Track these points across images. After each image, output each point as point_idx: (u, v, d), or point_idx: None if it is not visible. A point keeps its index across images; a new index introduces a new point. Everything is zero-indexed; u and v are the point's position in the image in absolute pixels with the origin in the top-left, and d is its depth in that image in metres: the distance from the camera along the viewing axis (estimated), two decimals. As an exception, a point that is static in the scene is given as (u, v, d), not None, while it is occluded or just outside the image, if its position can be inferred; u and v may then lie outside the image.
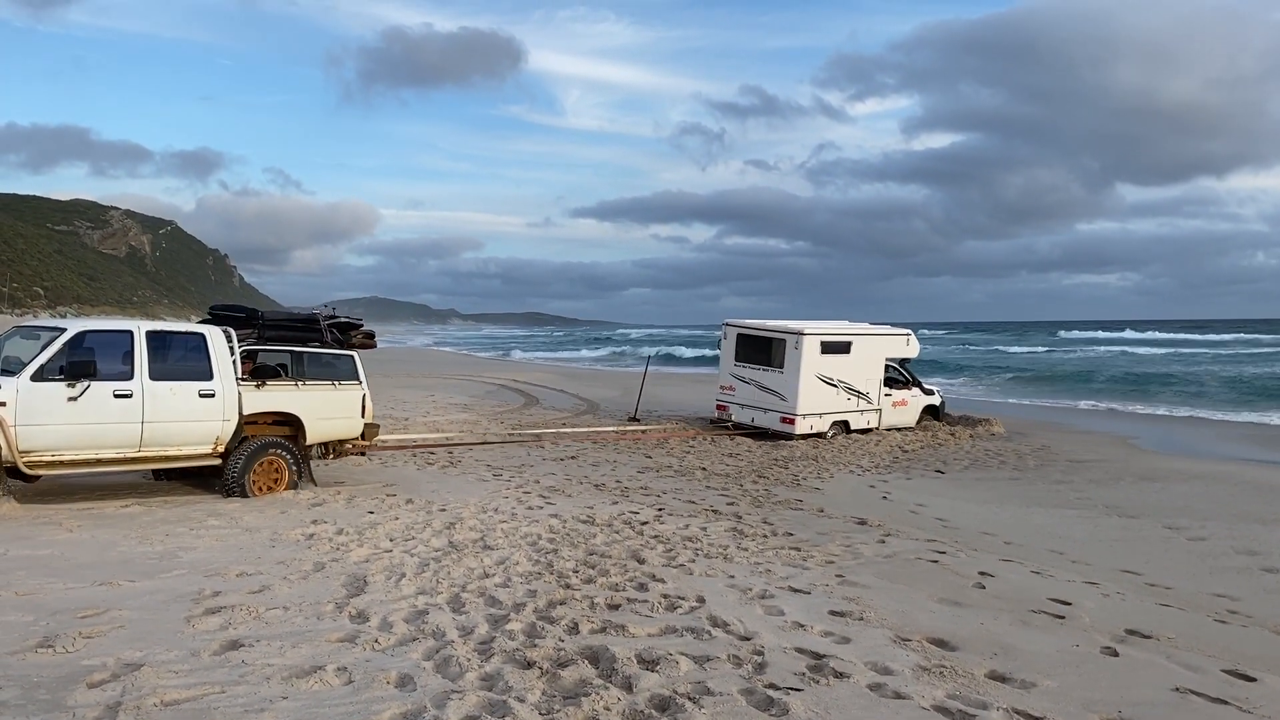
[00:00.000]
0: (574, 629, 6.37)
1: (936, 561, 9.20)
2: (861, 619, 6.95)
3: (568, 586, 7.49)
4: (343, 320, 13.02)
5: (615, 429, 20.77)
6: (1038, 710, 5.28)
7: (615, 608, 6.94)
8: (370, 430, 13.82)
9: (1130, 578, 9.36)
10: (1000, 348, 75.36)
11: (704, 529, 10.25)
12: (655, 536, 9.70)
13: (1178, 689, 5.81)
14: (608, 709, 4.97)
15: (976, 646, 6.43)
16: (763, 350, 20.95)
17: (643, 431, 20.39)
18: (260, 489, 11.01)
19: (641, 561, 8.50)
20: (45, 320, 11.03)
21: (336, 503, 10.74)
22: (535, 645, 5.95)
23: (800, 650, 6.12)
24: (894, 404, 22.32)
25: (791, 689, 5.39)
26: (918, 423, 22.96)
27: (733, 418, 21.24)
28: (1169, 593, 8.80)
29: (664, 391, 31.53)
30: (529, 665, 5.58)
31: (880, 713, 5.16)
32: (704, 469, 15.56)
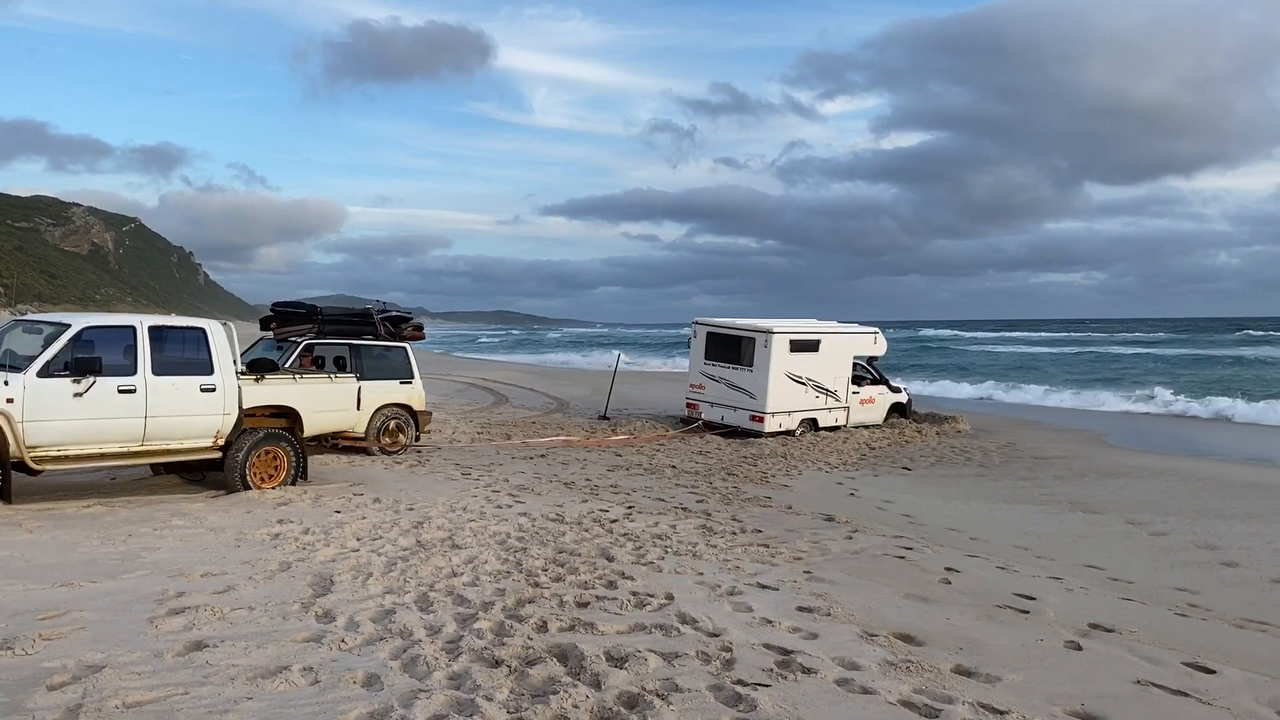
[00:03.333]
0: (543, 627, 6.36)
1: (903, 558, 9.27)
2: (829, 615, 6.99)
3: (536, 585, 7.48)
4: (395, 314, 13.43)
5: (583, 433, 20.76)
6: (1002, 704, 5.34)
7: (584, 605, 6.94)
8: (424, 417, 14.52)
9: (1093, 572, 9.48)
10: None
11: (673, 526, 10.27)
12: (625, 534, 9.70)
13: (1139, 681, 5.90)
14: (576, 707, 4.97)
15: (942, 641, 6.49)
16: (732, 349, 21.01)
17: (614, 430, 20.40)
18: (261, 480, 11.17)
19: (611, 559, 8.50)
20: (47, 315, 11.19)
21: (303, 502, 10.65)
22: (503, 644, 5.93)
23: (768, 646, 6.14)
24: (861, 402, 22.46)
25: (759, 685, 5.41)
26: (885, 420, 23.13)
27: (703, 416, 21.29)
28: (1131, 587, 8.93)
29: (634, 390, 31.54)
30: (497, 664, 5.57)
31: (847, 707, 5.20)
32: (673, 467, 15.57)
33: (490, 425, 20.65)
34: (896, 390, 23.86)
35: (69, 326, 9.93)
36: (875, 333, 23.40)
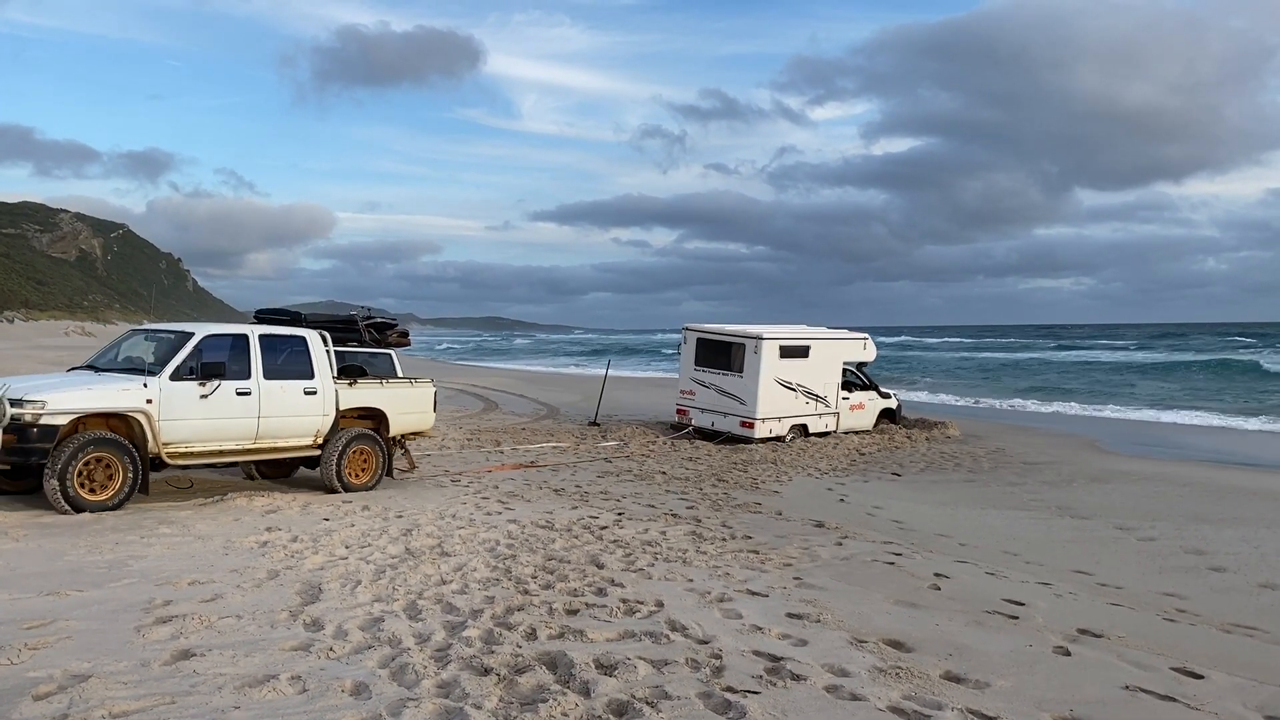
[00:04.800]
0: (532, 635, 6.34)
1: (893, 563, 9.27)
2: (819, 621, 6.99)
3: (526, 592, 7.46)
4: (379, 321, 13.59)
5: (573, 439, 20.71)
6: (991, 710, 5.34)
7: (574, 613, 6.92)
8: None
9: (1082, 578, 9.50)
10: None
11: (663, 533, 10.25)
12: (614, 541, 9.69)
13: (1128, 687, 5.91)
14: (565, 714, 4.95)
15: (932, 647, 6.49)
16: (722, 354, 21.03)
17: (604, 435, 20.37)
18: (353, 477, 12.15)
19: (600, 566, 8.49)
20: (166, 325, 12.19)
21: (291, 510, 10.61)
22: (492, 652, 5.91)
23: (758, 653, 6.14)
24: (851, 407, 22.50)
25: (749, 692, 5.40)
26: (875, 426, 23.17)
27: (693, 422, 21.29)
28: (1119, 592, 8.95)
29: (624, 395, 31.54)
30: (486, 672, 5.55)
31: (837, 714, 5.19)
32: (663, 473, 15.57)
33: (480, 432, 20.61)
34: (886, 396, 23.91)
35: (192, 335, 10.91)
36: (865, 338, 23.46)
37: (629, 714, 5.01)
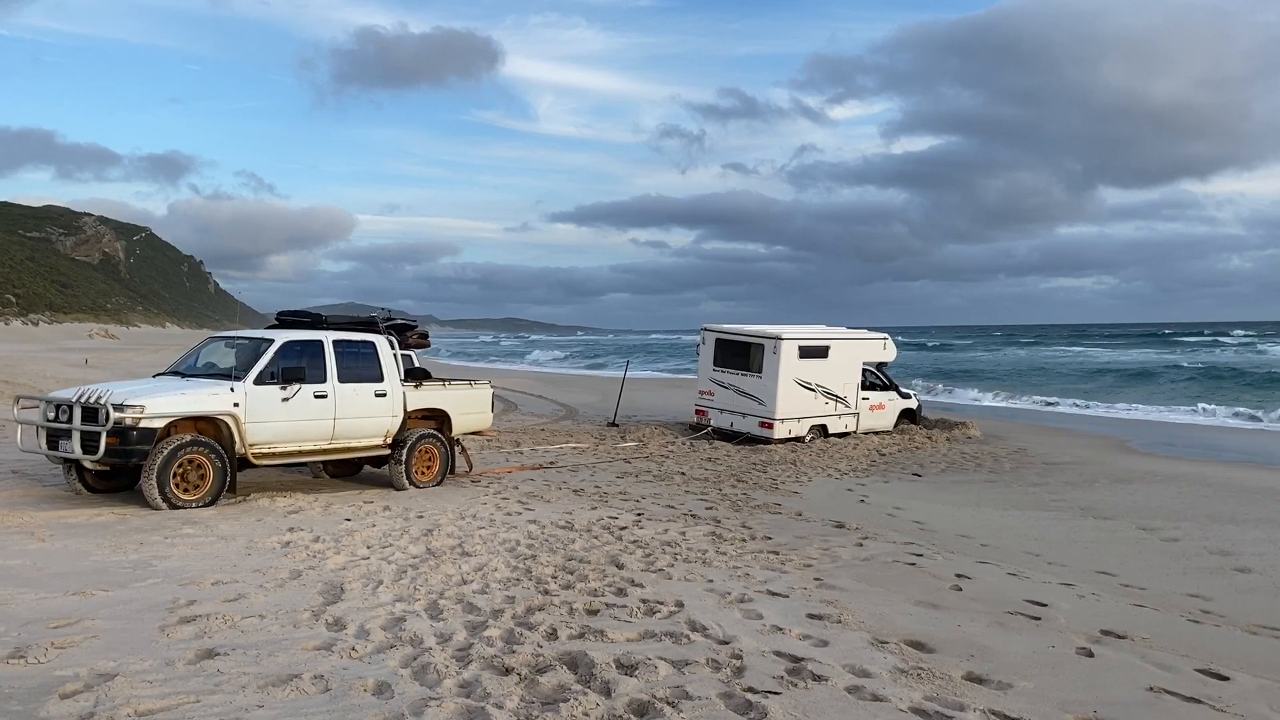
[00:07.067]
0: (552, 635, 6.36)
1: (914, 564, 9.24)
2: (839, 622, 6.97)
3: (546, 592, 7.48)
4: (399, 322, 13.79)
5: (593, 440, 20.71)
6: (1014, 711, 5.31)
7: (594, 613, 6.93)
8: None
9: (1105, 579, 9.43)
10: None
11: (683, 533, 10.25)
12: (634, 541, 9.69)
13: (1152, 688, 5.86)
14: (586, 714, 4.96)
15: (954, 648, 6.46)
16: (741, 355, 21.00)
17: (623, 436, 20.38)
18: (420, 474, 12.67)
19: (620, 566, 8.49)
20: (245, 331, 12.67)
21: (313, 510, 10.67)
22: (513, 651, 5.93)
23: (778, 653, 6.13)
24: (871, 408, 22.41)
25: (770, 692, 5.40)
26: (895, 426, 23.07)
27: (712, 422, 21.27)
28: (1143, 593, 8.88)
29: (642, 396, 31.54)
30: (507, 671, 5.57)
31: (858, 715, 5.18)
32: (683, 474, 15.56)
33: (499, 433, 20.65)
34: (906, 396, 23.80)
35: (273, 341, 11.38)
36: (885, 338, 23.36)
37: (650, 714, 5.01)
